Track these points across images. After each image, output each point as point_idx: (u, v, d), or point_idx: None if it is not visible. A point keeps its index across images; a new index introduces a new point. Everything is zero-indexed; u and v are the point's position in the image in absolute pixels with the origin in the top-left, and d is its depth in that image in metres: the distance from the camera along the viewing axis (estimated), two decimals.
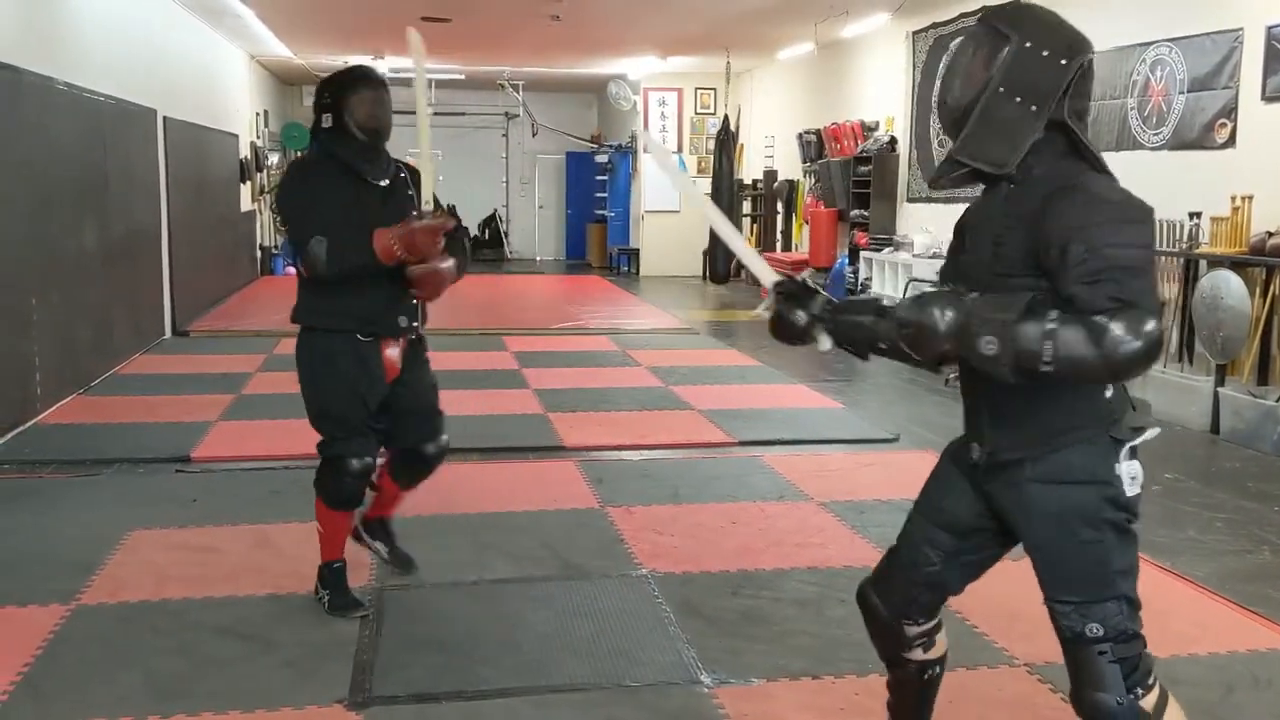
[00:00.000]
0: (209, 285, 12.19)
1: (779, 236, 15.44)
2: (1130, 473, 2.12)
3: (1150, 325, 1.88)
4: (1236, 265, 6.64)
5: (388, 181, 3.81)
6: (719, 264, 14.99)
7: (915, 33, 11.32)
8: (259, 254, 15.99)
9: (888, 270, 11.32)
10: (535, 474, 5.70)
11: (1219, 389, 6.75)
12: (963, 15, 10.31)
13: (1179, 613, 3.96)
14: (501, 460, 5.98)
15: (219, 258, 12.91)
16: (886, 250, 11.47)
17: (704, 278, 16.34)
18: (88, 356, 7.81)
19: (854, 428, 6.85)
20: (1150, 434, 2.16)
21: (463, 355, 9.17)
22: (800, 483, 5.53)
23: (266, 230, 16.78)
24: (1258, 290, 6.54)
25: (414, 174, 3.86)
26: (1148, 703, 2.16)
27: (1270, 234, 6.46)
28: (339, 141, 3.70)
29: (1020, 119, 2.05)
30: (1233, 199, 6.76)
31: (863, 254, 11.97)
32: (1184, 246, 7.04)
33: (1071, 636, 2.18)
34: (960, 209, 2.44)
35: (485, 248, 20.00)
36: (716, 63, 15.33)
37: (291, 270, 17.36)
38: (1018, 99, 2.05)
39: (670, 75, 17.16)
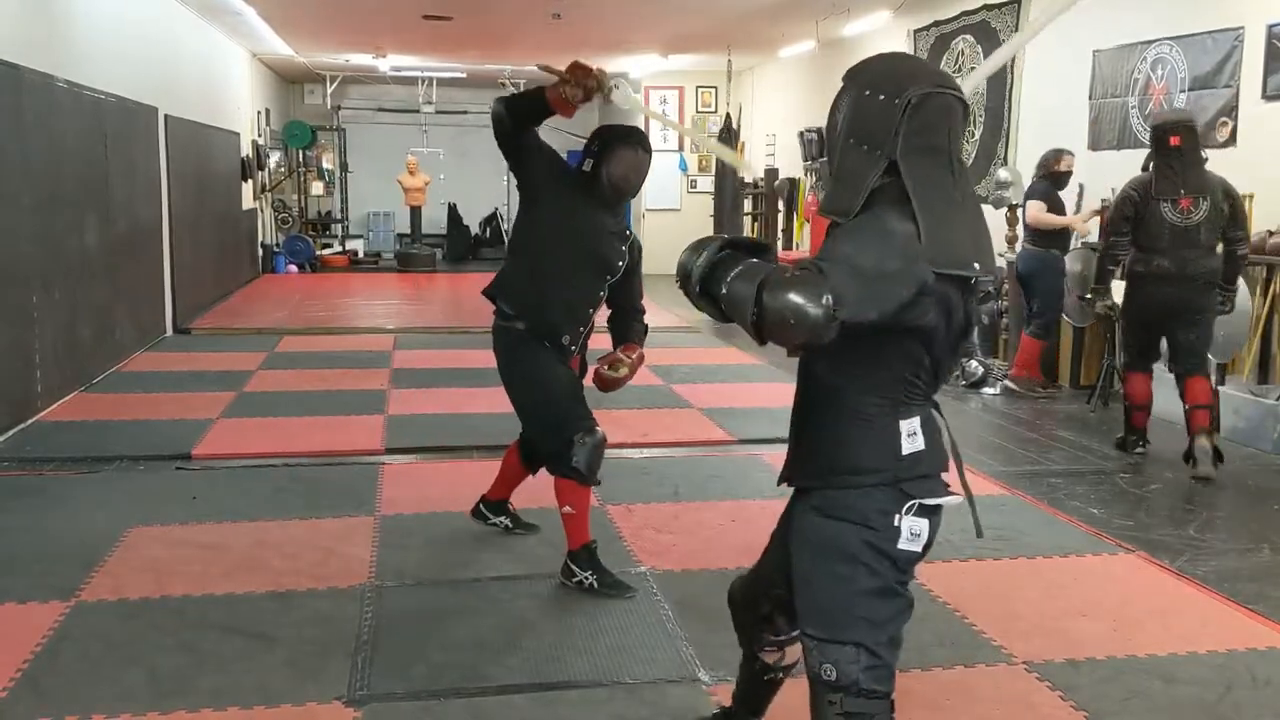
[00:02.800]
0: (210, 283, 12.20)
1: (780, 235, 15.43)
2: (912, 529, 2.10)
3: (823, 297, 1.84)
4: None
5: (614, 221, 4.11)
6: None
7: (917, 31, 11.31)
8: (260, 252, 15.99)
9: None
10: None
11: (1219, 387, 6.74)
12: (964, 13, 10.31)
13: (1179, 611, 3.97)
14: (502, 458, 5.98)
15: (220, 255, 12.92)
16: None
17: None
18: (89, 354, 7.82)
19: None
20: (947, 501, 2.15)
21: (464, 353, 9.18)
22: None
23: (268, 228, 16.79)
24: (1258, 289, 6.54)
25: (634, 242, 4.17)
26: None
27: (1271, 233, 6.46)
28: (592, 186, 3.96)
29: (862, 165, 2.07)
30: None
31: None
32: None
33: (811, 676, 2.17)
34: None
35: (486, 246, 20.00)
36: (718, 61, 15.32)
37: (294, 268, 17.38)
38: (862, 146, 2.07)
39: (671, 74, 17.16)
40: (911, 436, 2.11)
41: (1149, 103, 7.70)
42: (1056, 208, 7.81)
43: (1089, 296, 6.58)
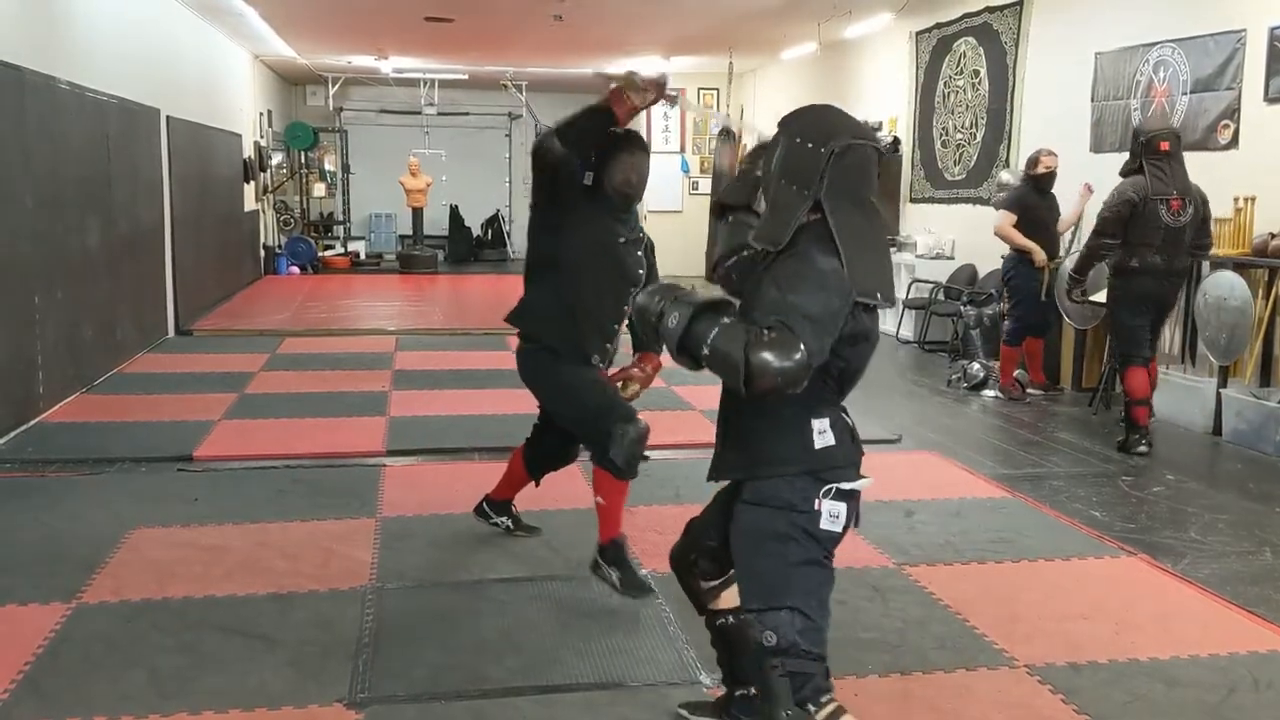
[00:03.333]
0: (212, 284, 12.21)
1: None
2: (831, 510, 2.42)
3: (798, 354, 2.17)
4: (1239, 266, 6.64)
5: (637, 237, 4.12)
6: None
7: (919, 33, 11.31)
8: (262, 253, 16.00)
9: None
10: None
11: (1221, 390, 6.75)
12: (966, 15, 10.32)
13: (1181, 614, 3.97)
14: (504, 460, 5.95)
15: (222, 257, 12.93)
16: (890, 250, 11.46)
17: (707, 277, 16.33)
18: (91, 355, 7.82)
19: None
20: (861, 484, 2.49)
21: (465, 355, 9.19)
22: None
23: (270, 230, 16.80)
24: (1260, 291, 6.54)
25: (649, 245, 4.19)
26: (821, 714, 2.40)
27: (1273, 235, 6.46)
28: (597, 197, 3.91)
29: (792, 201, 2.38)
30: (1235, 200, 6.76)
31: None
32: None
33: (755, 648, 2.43)
34: (963, 211, 2.53)
35: (488, 248, 20.02)
36: (720, 63, 15.33)
37: (295, 270, 17.40)
38: (792, 186, 2.38)
39: (673, 75, 17.15)
40: (822, 434, 2.42)
41: (1151, 105, 7.69)
42: (1034, 213, 7.74)
43: (1068, 285, 6.83)
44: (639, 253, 4.05)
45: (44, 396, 6.84)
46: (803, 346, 2.18)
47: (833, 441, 2.43)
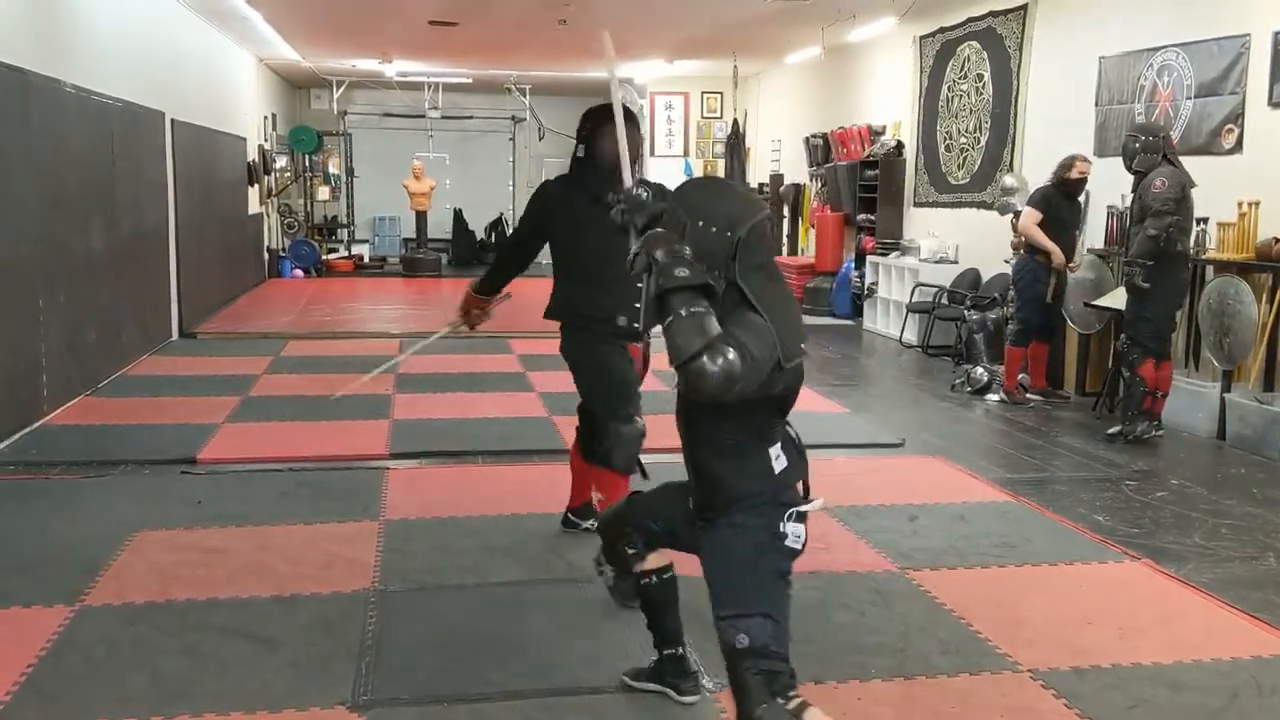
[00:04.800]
0: (216, 287, 12.22)
1: (785, 240, 15.43)
2: (794, 532, 2.62)
3: (728, 357, 2.30)
4: (1243, 271, 6.63)
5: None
6: None
7: (922, 37, 11.32)
8: (266, 256, 16.02)
9: (894, 275, 11.31)
10: (540, 477, 5.70)
11: (1225, 395, 6.74)
12: (970, 19, 10.32)
13: (1185, 619, 3.96)
14: (506, 463, 5.99)
15: (226, 260, 12.94)
16: (893, 254, 11.47)
17: None
18: (95, 357, 7.83)
19: (859, 432, 6.84)
20: (814, 505, 2.68)
21: (468, 358, 9.19)
22: None
23: (274, 233, 16.82)
24: (1264, 296, 6.53)
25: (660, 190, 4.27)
26: (790, 705, 2.56)
27: (1277, 239, 6.45)
28: (588, 171, 4.11)
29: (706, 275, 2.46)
30: (1239, 204, 6.75)
31: (869, 258, 11.97)
32: (1191, 252, 7.03)
33: (729, 651, 2.58)
34: (967, 215, 2.54)
35: (491, 251, 20.00)
36: (723, 66, 15.34)
37: (299, 273, 17.45)
38: (703, 264, 2.45)
39: (677, 79, 17.18)
40: (778, 459, 2.62)
41: (1155, 109, 7.69)
42: (1058, 216, 7.72)
43: (1131, 272, 6.63)
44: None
45: (48, 399, 6.85)
46: (744, 361, 2.34)
47: (786, 463, 2.63)
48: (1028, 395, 7.95)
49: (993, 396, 7.99)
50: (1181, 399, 6.93)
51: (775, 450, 2.62)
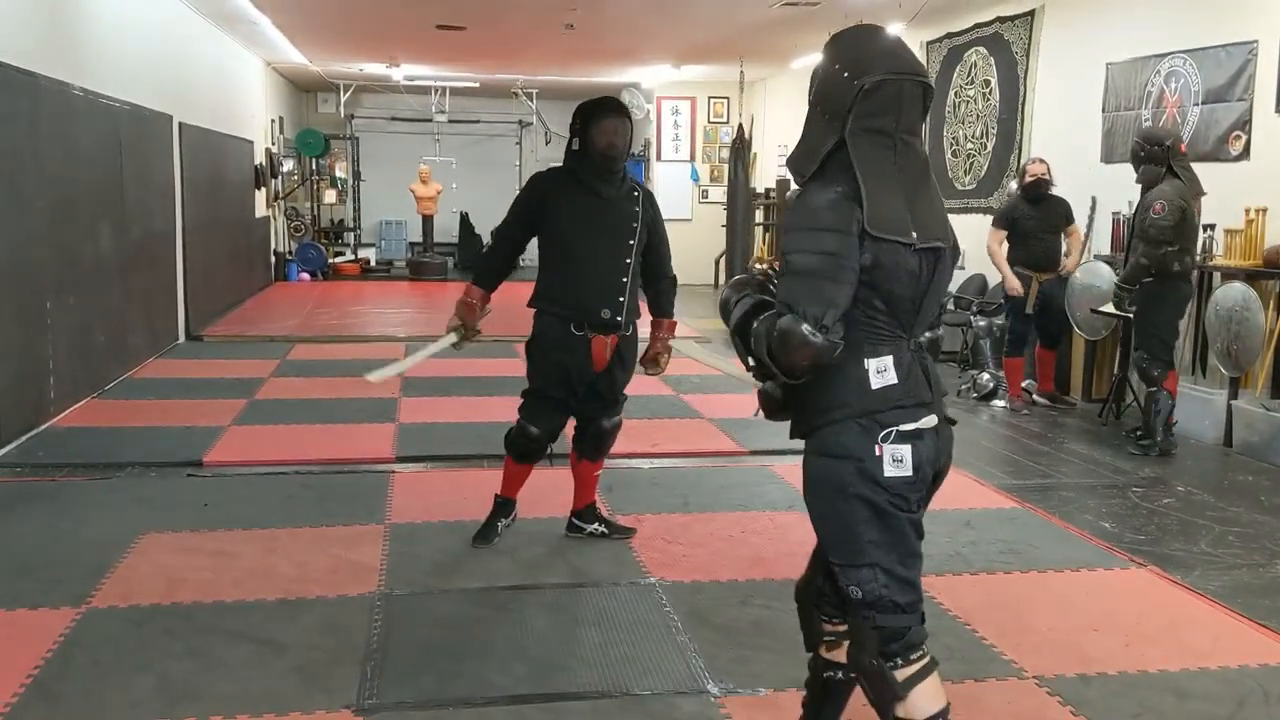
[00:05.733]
0: (223, 290, 12.25)
1: None
2: (894, 455, 2.28)
3: (806, 335, 2.16)
4: (1250, 277, 6.62)
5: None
6: (735, 272, 15.00)
7: (929, 43, 11.31)
8: (273, 259, 16.04)
9: None
10: (545, 481, 5.69)
11: (1232, 402, 6.72)
12: (977, 25, 10.31)
13: (1191, 626, 3.95)
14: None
15: (233, 263, 12.97)
16: None
17: (716, 286, 16.33)
18: (102, 360, 7.85)
19: None
20: (924, 423, 2.32)
21: (473, 362, 9.17)
22: None
23: (281, 236, 16.84)
24: (1272, 303, 6.52)
25: (647, 194, 4.47)
26: (902, 674, 2.35)
27: None
28: (582, 162, 4.29)
29: (820, 131, 2.31)
30: (1247, 211, 6.74)
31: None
32: (1197, 261, 7.02)
33: (845, 598, 2.38)
34: (973, 221, 2.51)
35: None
36: (730, 71, 15.34)
37: (306, 276, 17.47)
38: (824, 115, 2.31)
39: (684, 84, 17.18)
40: (881, 373, 2.29)
41: (1162, 116, 7.68)
42: (1022, 224, 7.71)
43: (1117, 297, 6.69)
44: (633, 207, 4.33)
45: (55, 401, 6.86)
46: (806, 319, 2.16)
47: (894, 380, 2.29)
48: (1035, 400, 7.94)
49: (999, 402, 7.98)
50: (1189, 406, 6.92)
51: (880, 363, 2.28)
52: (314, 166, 18.26)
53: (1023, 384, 8.02)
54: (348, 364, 9.06)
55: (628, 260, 4.29)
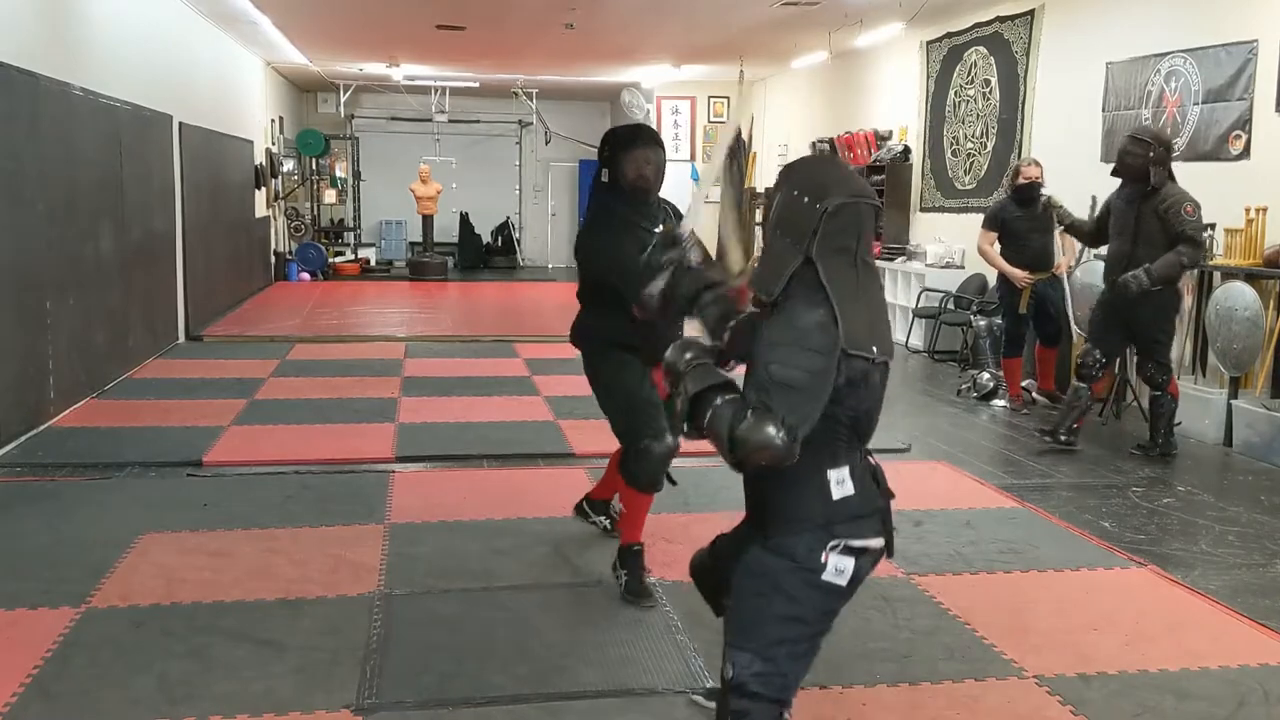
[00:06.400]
0: (223, 290, 12.25)
1: None
2: (837, 565, 2.37)
3: (779, 435, 2.20)
4: (1251, 277, 6.62)
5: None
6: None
7: (929, 42, 11.31)
8: (273, 259, 16.05)
9: (900, 280, 11.30)
10: (546, 481, 5.71)
11: (1232, 402, 6.72)
12: (977, 25, 10.32)
13: (1191, 626, 3.95)
14: (512, 467, 6.00)
15: (233, 263, 12.97)
16: (899, 260, 11.46)
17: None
18: (102, 360, 7.85)
19: None
20: (872, 543, 2.43)
21: (474, 362, 9.20)
22: None
23: (280, 236, 16.85)
24: (1272, 302, 6.52)
25: (676, 212, 4.20)
26: None
27: None
28: (614, 194, 3.97)
29: (784, 253, 2.39)
30: (1247, 211, 6.73)
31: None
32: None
33: (723, 676, 2.45)
34: (973, 220, 2.52)
35: (498, 255, 20.04)
36: (730, 71, 15.35)
37: (306, 276, 17.46)
38: (787, 238, 2.39)
39: (684, 84, 17.18)
40: (840, 484, 2.39)
41: (1162, 115, 7.68)
42: (1012, 225, 7.68)
43: (1140, 281, 6.22)
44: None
45: (55, 401, 6.86)
46: (782, 426, 2.21)
47: (851, 490, 2.40)
48: (1034, 399, 7.94)
49: (999, 402, 7.98)
50: (1189, 406, 6.91)
51: (839, 474, 2.39)
52: (314, 166, 18.27)
53: (1022, 383, 8.02)
54: (348, 364, 9.07)
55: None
